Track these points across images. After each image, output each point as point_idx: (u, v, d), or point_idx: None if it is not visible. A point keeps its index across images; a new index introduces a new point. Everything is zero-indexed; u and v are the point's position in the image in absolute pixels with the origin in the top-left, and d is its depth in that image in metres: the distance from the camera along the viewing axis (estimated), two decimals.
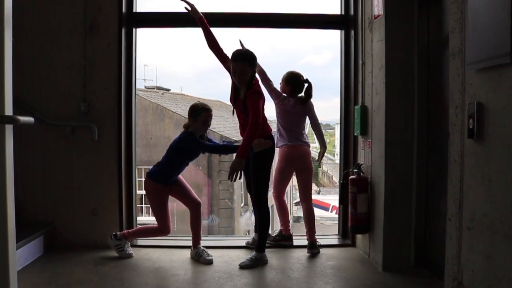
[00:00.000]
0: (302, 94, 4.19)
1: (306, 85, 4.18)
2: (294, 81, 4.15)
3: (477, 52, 2.15)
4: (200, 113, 3.76)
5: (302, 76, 4.18)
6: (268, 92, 4.12)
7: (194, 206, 3.91)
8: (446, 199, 3.13)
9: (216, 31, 3.82)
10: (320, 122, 4.43)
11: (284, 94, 4.13)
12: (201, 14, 3.77)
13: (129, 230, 3.95)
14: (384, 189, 3.57)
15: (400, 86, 3.54)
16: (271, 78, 4.15)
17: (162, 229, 3.84)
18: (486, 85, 2.12)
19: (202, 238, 4.02)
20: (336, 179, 31.22)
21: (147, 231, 4.05)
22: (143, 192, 4.14)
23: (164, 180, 3.78)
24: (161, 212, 3.83)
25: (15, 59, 2.05)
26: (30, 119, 3.15)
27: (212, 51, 3.81)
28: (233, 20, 4.57)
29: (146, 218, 13.91)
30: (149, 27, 4.68)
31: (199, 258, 3.79)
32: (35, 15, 4.09)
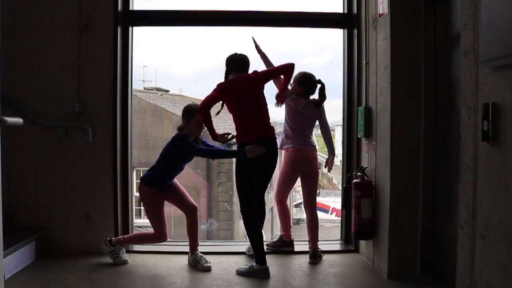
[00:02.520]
0: (316, 96, 4.04)
1: (319, 86, 4.02)
2: (307, 81, 3.99)
3: (492, 50, 2.02)
4: (194, 114, 3.61)
5: (315, 77, 4.02)
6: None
7: (190, 211, 3.76)
8: (454, 204, 3.00)
9: (217, 30, 3.72)
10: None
11: (294, 95, 3.97)
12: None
13: (125, 236, 3.81)
14: (389, 193, 3.43)
15: (406, 86, 3.40)
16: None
17: (159, 235, 3.70)
18: (502, 84, 1.98)
19: (200, 243, 3.88)
20: (336, 181, 31.07)
21: (143, 238, 3.91)
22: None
23: (158, 185, 3.64)
24: (156, 218, 3.68)
25: (6, 57, 1.94)
26: (18, 120, 3.01)
27: None
28: (233, 19, 4.45)
29: (145, 221, 13.74)
30: (146, 26, 4.54)
31: (197, 265, 3.65)
32: (28, 12, 3.96)
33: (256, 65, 3.83)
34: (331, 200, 23.32)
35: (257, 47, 4.00)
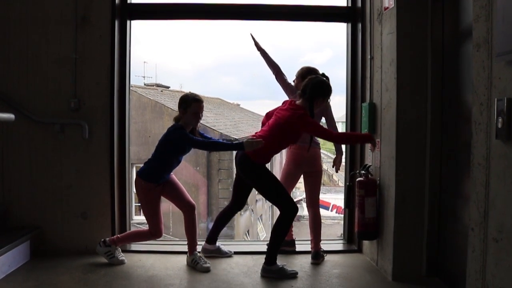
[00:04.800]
0: None
1: None
2: None
3: (508, 42, 1.90)
4: (191, 104, 3.50)
5: (319, 71, 3.88)
6: (282, 88, 3.87)
7: (187, 209, 3.65)
8: (463, 203, 2.91)
9: (215, 24, 3.60)
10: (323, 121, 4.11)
11: (299, 91, 3.84)
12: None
13: (118, 235, 3.70)
14: (394, 192, 3.32)
15: (413, 81, 3.28)
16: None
17: (153, 232, 3.59)
18: None
19: (199, 243, 3.78)
20: (336, 177, 30.97)
21: (138, 235, 3.79)
22: None
23: (155, 179, 3.52)
24: (152, 213, 3.57)
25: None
26: (10, 116, 2.92)
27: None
28: (233, 12, 4.33)
29: (143, 218, 13.61)
30: (144, 19, 4.45)
31: (196, 265, 3.55)
32: (23, 4, 3.84)
33: (255, 63, 3.73)
34: (331, 197, 23.27)
35: (256, 44, 3.89)
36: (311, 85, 3.46)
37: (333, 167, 4.01)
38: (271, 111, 3.71)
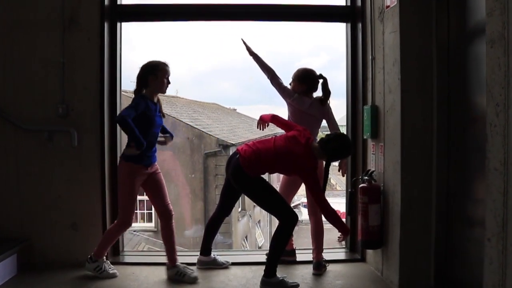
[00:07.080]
0: (319, 93, 3.76)
1: (321, 81, 3.73)
2: (308, 78, 3.70)
3: None
4: (163, 67, 3.34)
5: (316, 72, 3.74)
6: (278, 91, 3.70)
7: (165, 214, 3.42)
8: (472, 210, 2.76)
9: (211, 28, 3.45)
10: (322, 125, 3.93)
11: (296, 94, 3.69)
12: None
13: (96, 247, 3.47)
14: (400, 199, 3.17)
15: (418, 81, 3.14)
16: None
17: (122, 222, 3.36)
18: None
19: (193, 254, 3.61)
20: (334, 181, 30.87)
21: (109, 234, 3.49)
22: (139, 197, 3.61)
23: (139, 158, 3.25)
24: (128, 200, 3.33)
25: None
26: None
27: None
28: (228, 13, 4.18)
29: (141, 225, 13.46)
30: (135, 21, 4.28)
31: (183, 278, 3.33)
32: (8, 6, 3.67)
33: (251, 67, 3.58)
34: (329, 201, 23.10)
35: (248, 49, 3.73)
36: (337, 146, 3.25)
37: (339, 171, 3.83)
38: (283, 120, 3.60)
